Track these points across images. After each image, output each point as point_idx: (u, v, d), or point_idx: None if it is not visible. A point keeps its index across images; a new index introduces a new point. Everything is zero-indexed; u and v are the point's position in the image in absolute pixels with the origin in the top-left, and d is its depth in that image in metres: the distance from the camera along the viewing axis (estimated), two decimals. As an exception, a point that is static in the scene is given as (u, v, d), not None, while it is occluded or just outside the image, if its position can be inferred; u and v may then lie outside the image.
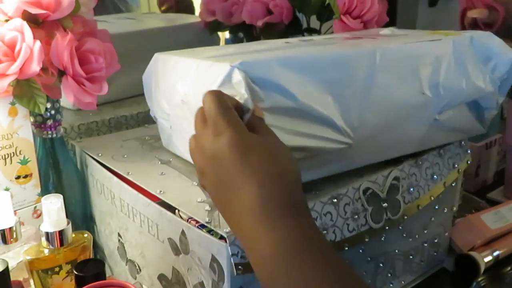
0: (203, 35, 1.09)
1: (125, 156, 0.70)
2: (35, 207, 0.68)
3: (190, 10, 1.35)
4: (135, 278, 0.67)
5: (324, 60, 0.54)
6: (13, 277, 0.54)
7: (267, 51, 0.60)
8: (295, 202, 0.43)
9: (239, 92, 0.49)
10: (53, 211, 0.56)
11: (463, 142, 0.74)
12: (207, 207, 0.53)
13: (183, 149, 0.64)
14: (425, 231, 0.73)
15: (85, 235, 0.60)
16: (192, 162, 0.49)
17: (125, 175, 0.64)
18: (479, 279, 0.76)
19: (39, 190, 0.69)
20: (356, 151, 0.58)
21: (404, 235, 0.70)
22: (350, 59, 0.56)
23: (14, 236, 0.58)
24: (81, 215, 0.75)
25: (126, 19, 1.13)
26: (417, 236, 0.72)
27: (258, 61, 0.51)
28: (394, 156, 0.65)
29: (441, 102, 0.63)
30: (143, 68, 0.68)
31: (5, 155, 0.65)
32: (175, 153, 0.67)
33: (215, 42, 1.14)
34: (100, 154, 0.70)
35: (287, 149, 0.46)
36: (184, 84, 0.58)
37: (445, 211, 0.76)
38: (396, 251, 0.70)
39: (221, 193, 0.45)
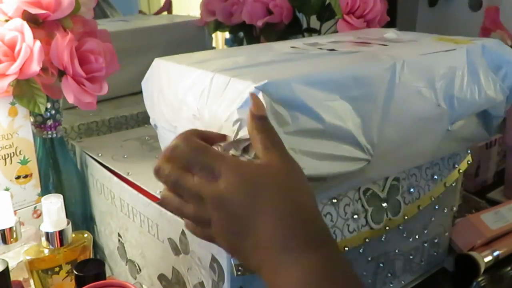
0: (197, 33, 1.10)
1: (125, 156, 0.70)
2: (35, 207, 0.68)
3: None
4: (135, 278, 0.67)
5: (348, 76, 0.52)
6: (13, 277, 0.54)
7: (284, 63, 0.57)
8: (315, 233, 0.41)
9: None
10: (53, 211, 0.56)
11: (463, 142, 0.74)
12: (207, 207, 0.53)
13: None
14: (425, 231, 0.73)
15: (85, 235, 0.60)
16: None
17: (125, 175, 0.64)
18: (479, 279, 0.76)
19: (39, 190, 0.69)
20: (373, 167, 0.56)
21: (404, 235, 0.70)
22: (373, 74, 0.55)
23: (14, 236, 0.58)
24: (81, 215, 0.75)
25: (119, 21, 1.13)
26: (417, 236, 0.72)
27: (284, 81, 0.48)
28: (407, 169, 0.65)
29: (455, 113, 0.62)
30: (137, 66, 0.67)
31: (5, 155, 0.65)
32: None
33: (208, 40, 1.14)
34: (100, 154, 0.70)
35: (298, 171, 0.43)
36: (197, 98, 0.54)
37: (445, 211, 0.76)
38: (396, 251, 0.70)
39: (235, 237, 0.41)
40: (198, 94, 0.54)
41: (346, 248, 0.58)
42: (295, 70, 0.54)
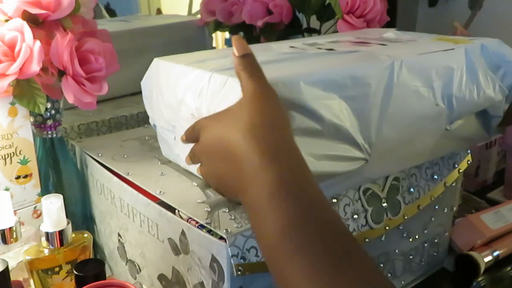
0: (197, 33, 1.10)
1: (125, 156, 0.70)
2: (35, 207, 0.68)
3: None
4: (135, 278, 0.67)
5: (346, 76, 0.53)
6: (13, 277, 0.54)
7: (282, 63, 0.57)
8: (275, 150, 0.43)
9: None
10: (53, 211, 0.56)
11: (463, 142, 0.74)
12: (207, 208, 0.53)
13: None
14: (425, 231, 0.73)
15: (85, 235, 0.60)
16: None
17: (125, 175, 0.64)
18: (479, 279, 0.76)
19: (39, 190, 0.69)
20: (371, 166, 0.57)
21: (404, 235, 0.70)
22: (371, 74, 0.55)
23: (14, 236, 0.58)
24: (81, 215, 0.75)
25: (119, 21, 1.13)
26: (417, 236, 0.72)
27: (283, 79, 0.48)
28: (406, 168, 0.65)
29: (453, 112, 0.62)
30: (137, 66, 0.67)
31: (5, 155, 0.65)
32: (177, 163, 0.64)
33: (208, 40, 1.15)
34: (100, 154, 0.70)
35: (267, 95, 0.46)
36: (195, 97, 0.54)
37: (445, 211, 0.76)
38: (396, 251, 0.70)
39: (219, 170, 0.48)
40: (196, 93, 0.54)
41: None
42: (294, 69, 0.54)
